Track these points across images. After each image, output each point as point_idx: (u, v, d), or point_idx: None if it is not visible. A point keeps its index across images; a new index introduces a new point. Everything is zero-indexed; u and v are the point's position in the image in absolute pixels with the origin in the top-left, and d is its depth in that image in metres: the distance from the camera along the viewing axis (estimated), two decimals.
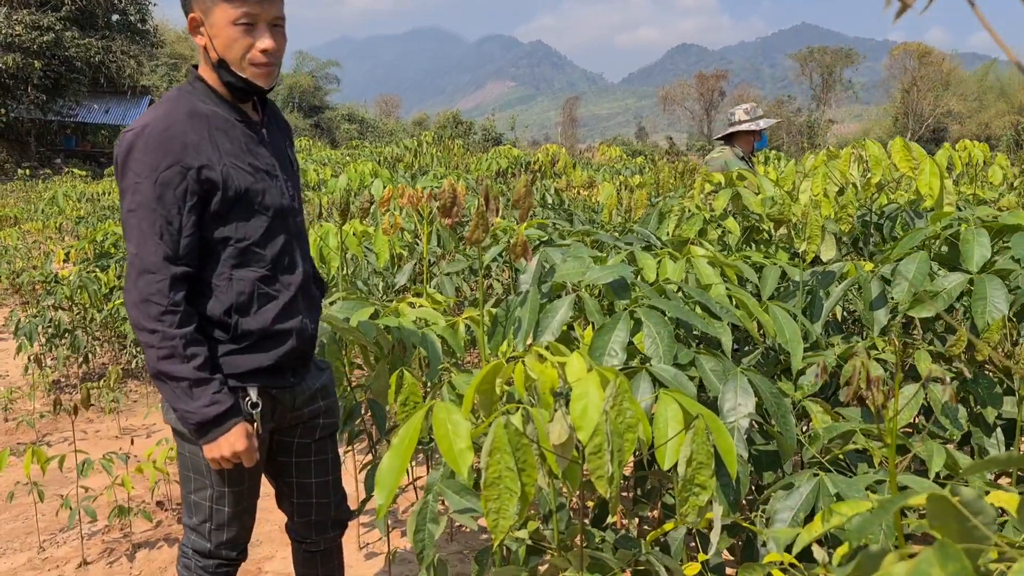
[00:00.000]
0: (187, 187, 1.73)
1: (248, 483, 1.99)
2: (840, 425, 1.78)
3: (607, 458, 1.29)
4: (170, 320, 1.71)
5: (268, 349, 1.88)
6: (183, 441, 1.95)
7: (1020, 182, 7.18)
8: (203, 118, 1.78)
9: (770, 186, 2.99)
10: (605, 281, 1.95)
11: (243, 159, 1.82)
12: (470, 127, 49.57)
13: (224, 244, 1.82)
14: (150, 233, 1.71)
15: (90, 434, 4.27)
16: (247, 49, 1.75)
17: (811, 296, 2.39)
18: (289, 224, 1.92)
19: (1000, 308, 1.89)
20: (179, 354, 1.73)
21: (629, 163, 10.54)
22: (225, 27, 1.73)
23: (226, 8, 1.72)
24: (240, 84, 1.79)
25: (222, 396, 1.77)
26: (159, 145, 1.72)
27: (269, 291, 1.86)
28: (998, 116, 43.90)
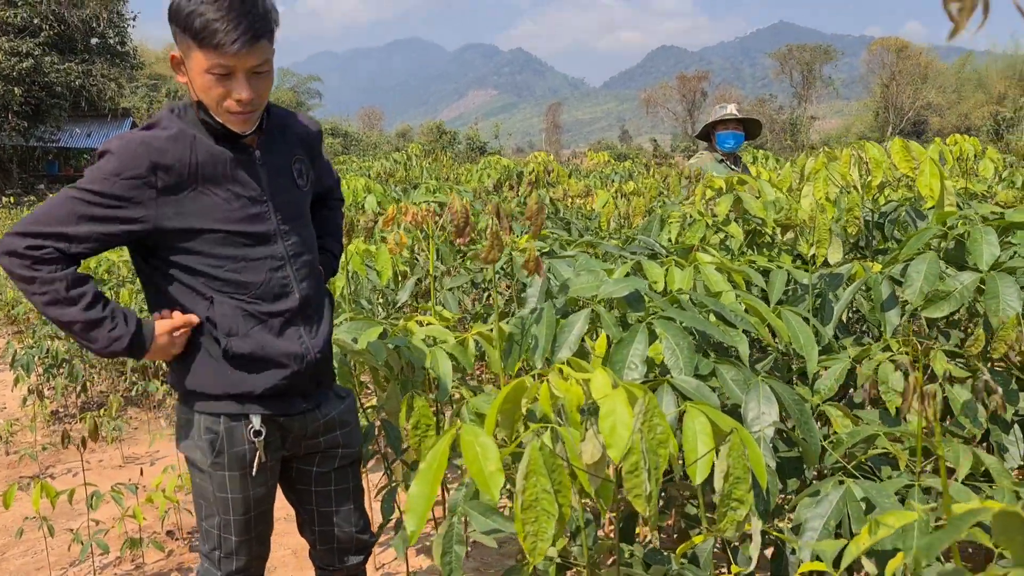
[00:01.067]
0: (141, 204, 1.71)
1: (255, 511, 1.96)
2: (864, 429, 1.78)
3: (644, 476, 1.29)
4: (48, 268, 1.69)
5: (262, 371, 1.85)
6: (193, 468, 1.94)
7: (1008, 174, 7.23)
8: (187, 142, 1.75)
9: (771, 190, 3.00)
10: (620, 295, 1.94)
11: (223, 185, 1.78)
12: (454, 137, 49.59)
13: (200, 272, 1.80)
14: (73, 212, 1.69)
15: (93, 464, 4.24)
16: (223, 97, 1.71)
17: (821, 299, 2.40)
18: (278, 248, 1.86)
19: (1013, 305, 1.89)
20: (63, 298, 1.70)
21: (618, 168, 10.54)
22: (200, 74, 1.69)
23: (199, 56, 1.67)
24: (217, 127, 1.76)
25: (119, 329, 1.75)
26: (131, 156, 1.70)
27: (257, 315, 1.83)
28: (976, 107, 44.29)
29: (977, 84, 46.45)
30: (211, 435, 1.86)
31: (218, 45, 1.64)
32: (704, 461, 1.45)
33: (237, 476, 1.89)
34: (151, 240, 1.78)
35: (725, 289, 2.37)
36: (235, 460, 1.87)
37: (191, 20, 1.65)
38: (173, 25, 1.72)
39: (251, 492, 1.91)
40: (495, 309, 3.96)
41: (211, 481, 1.90)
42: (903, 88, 45.37)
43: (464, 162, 15.06)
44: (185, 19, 1.66)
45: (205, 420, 1.86)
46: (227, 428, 1.85)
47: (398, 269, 3.45)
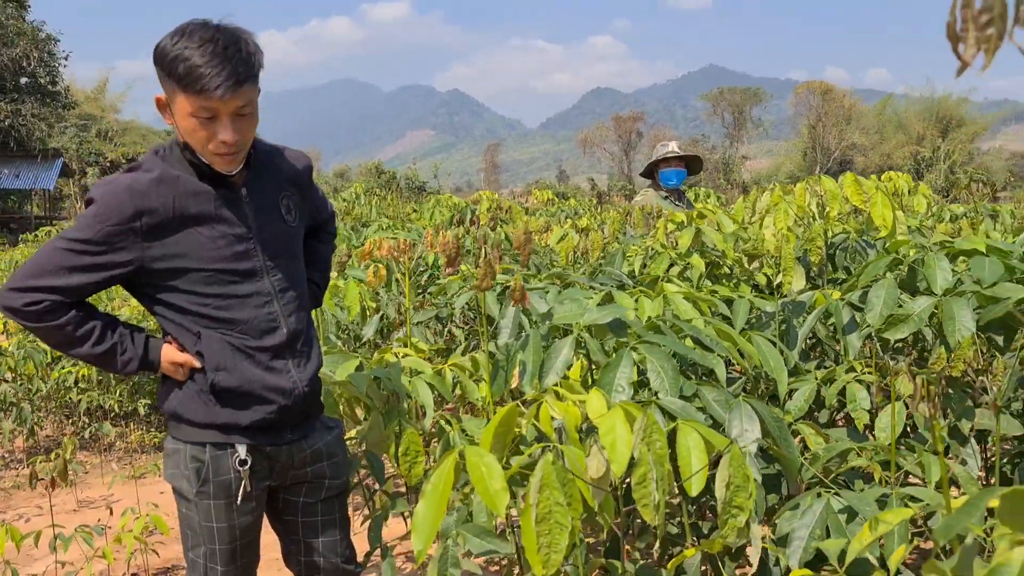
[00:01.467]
0: (125, 249, 1.76)
1: (241, 541, 1.97)
2: (838, 445, 1.88)
3: (652, 487, 1.36)
4: (51, 317, 1.76)
5: (251, 406, 1.88)
6: (180, 498, 1.95)
7: (937, 208, 7.60)
8: (171, 184, 1.79)
9: (730, 224, 3.14)
10: (604, 321, 2.03)
11: (208, 224, 1.81)
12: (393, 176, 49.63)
13: (188, 310, 1.84)
14: (62, 264, 1.75)
15: (45, 509, 4.12)
16: (208, 139, 1.74)
17: (785, 325, 2.52)
18: (265, 284, 1.89)
19: (968, 326, 2.03)
20: (73, 339, 1.80)
21: (564, 206, 10.72)
22: (185, 117, 1.72)
23: (183, 100, 1.71)
24: (203, 167, 1.80)
25: (128, 352, 1.84)
26: (115, 203, 1.75)
27: (244, 349, 1.86)
28: (898, 147, 46.18)
29: (897, 126, 48.49)
30: (197, 464, 1.88)
31: (202, 90, 1.68)
32: (699, 474, 1.53)
33: (223, 505, 1.90)
34: (138, 279, 1.82)
35: (694, 316, 2.47)
36: (220, 489, 1.89)
37: (175, 65, 1.69)
38: (158, 68, 1.76)
39: (237, 521, 1.93)
40: (461, 343, 4.00)
41: (197, 510, 1.91)
42: (829, 129, 47.12)
43: (407, 201, 15.09)
44: (170, 64, 1.70)
45: (191, 449, 1.89)
46: (212, 457, 1.88)
47: (366, 304, 3.49)
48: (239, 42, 1.72)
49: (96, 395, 4.90)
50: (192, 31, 1.70)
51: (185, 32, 1.70)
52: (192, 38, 1.68)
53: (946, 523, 0.83)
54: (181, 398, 1.88)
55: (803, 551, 1.62)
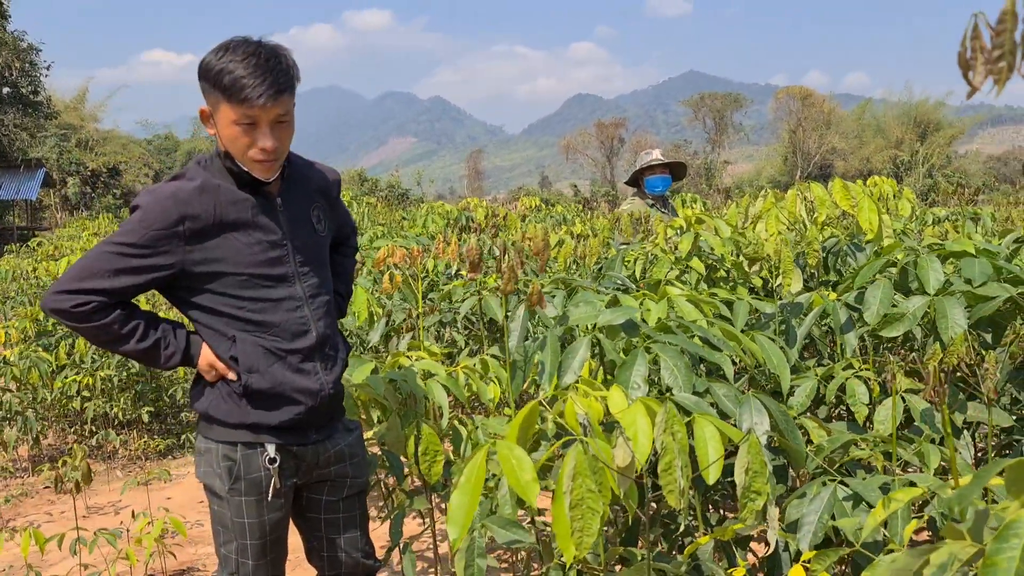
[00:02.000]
0: (169, 252, 1.86)
1: (271, 536, 2.06)
2: (841, 436, 1.99)
3: (677, 473, 1.47)
4: (98, 316, 1.85)
5: (281, 407, 1.98)
6: (212, 496, 2.04)
7: (921, 212, 7.77)
8: (212, 191, 1.90)
9: (727, 229, 3.26)
10: (618, 322, 2.13)
11: (246, 230, 1.92)
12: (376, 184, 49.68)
13: (223, 313, 1.94)
14: (110, 266, 1.85)
15: (55, 516, 4.18)
16: (248, 147, 1.86)
17: (785, 325, 2.63)
18: (296, 289, 2.00)
19: (961, 324, 2.15)
20: (119, 337, 1.89)
21: (552, 212, 10.83)
22: (228, 125, 1.84)
23: (227, 109, 1.83)
24: (243, 175, 1.91)
25: (171, 346, 1.94)
26: (161, 209, 1.86)
27: (276, 352, 1.97)
28: (877, 151, 46.67)
29: (876, 130, 49.02)
30: (228, 462, 1.98)
31: (245, 99, 1.80)
32: (716, 464, 1.64)
33: (253, 501, 2.00)
34: (178, 283, 1.91)
35: (697, 318, 2.58)
36: (251, 486, 1.98)
37: (221, 77, 1.81)
38: (203, 81, 1.87)
39: (267, 517, 2.02)
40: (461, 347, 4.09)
41: (229, 507, 2.00)
42: (809, 134, 47.57)
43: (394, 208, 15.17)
44: (216, 76, 1.82)
45: (223, 448, 1.98)
46: (244, 456, 1.97)
47: (373, 310, 3.58)
48: (279, 56, 1.85)
49: (101, 403, 4.96)
50: (235, 46, 1.82)
51: (229, 47, 1.83)
52: (236, 52, 1.81)
53: (959, 493, 0.94)
54: (213, 399, 1.97)
55: (812, 535, 1.73)
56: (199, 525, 4.11)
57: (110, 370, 4.98)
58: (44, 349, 5.29)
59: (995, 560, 0.78)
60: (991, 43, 0.77)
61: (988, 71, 0.81)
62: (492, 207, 6.73)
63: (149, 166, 44.03)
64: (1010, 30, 0.73)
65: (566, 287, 3.16)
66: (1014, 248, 2.88)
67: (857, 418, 2.20)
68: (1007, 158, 56.30)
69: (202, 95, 1.90)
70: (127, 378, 5.18)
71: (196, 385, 2.04)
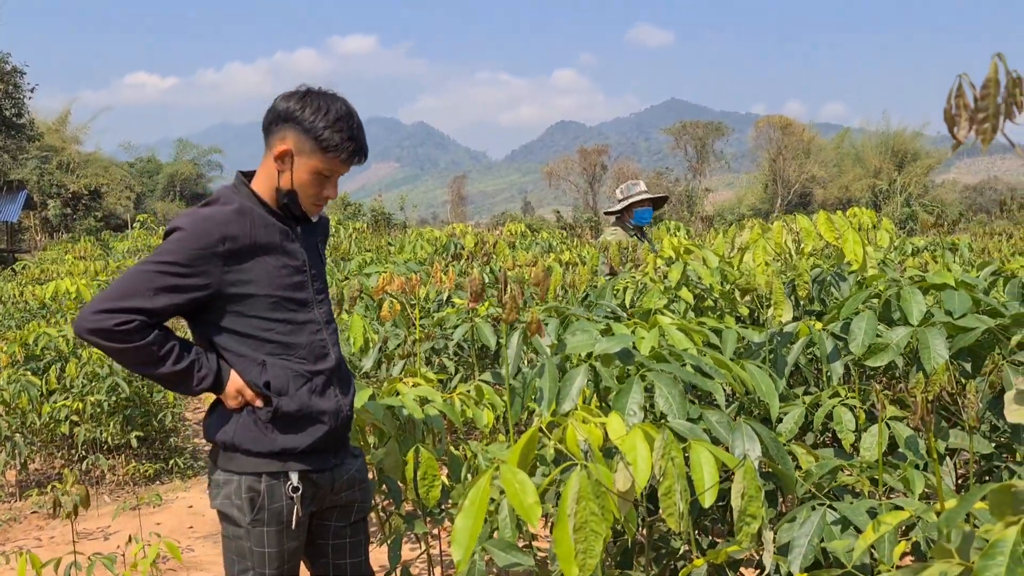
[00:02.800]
0: (207, 272, 1.91)
1: (288, 564, 2.11)
2: (830, 462, 2.07)
3: (677, 498, 1.53)
4: (138, 336, 1.87)
5: (306, 429, 2.04)
6: (229, 525, 2.07)
7: (900, 242, 7.92)
8: (248, 215, 1.98)
9: (715, 259, 3.34)
10: (614, 351, 2.20)
11: (275, 254, 2.01)
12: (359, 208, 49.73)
13: (252, 335, 2.00)
14: (151, 285, 1.88)
15: (45, 541, 4.18)
16: (316, 194, 2.01)
17: (773, 353, 2.71)
18: (315, 313, 2.10)
19: (942, 354, 2.24)
20: (156, 359, 1.90)
21: (538, 239, 10.92)
22: (308, 173, 1.98)
23: (319, 161, 1.96)
24: (297, 212, 2.03)
25: (204, 368, 1.96)
26: (202, 229, 1.92)
27: (304, 374, 2.03)
28: (856, 180, 47.28)
29: (855, 159, 49.68)
30: (252, 493, 2.01)
31: (337, 158, 1.97)
32: (712, 489, 1.70)
33: (274, 532, 2.03)
34: (210, 305, 1.96)
35: (688, 347, 2.65)
36: (273, 516, 2.02)
37: (322, 132, 1.94)
38: (294, 126, 1.97)
39: (286, 546, 2.06)
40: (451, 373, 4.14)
41: (250, 537, 2.03)
42: (789, 162, 48.14)
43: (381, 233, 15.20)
44: (316, 129, 1.94)
45: (246, 480, 2.01)
46: (268, 486, 2.01)
47: (369, 337, 3.63)
48: (360, 120, 2.02)
49: (91, 427, 4.96)
50: (329, 104, 1.96)
51: (323, 105, 1.95)
52: (332, 111, 1.95)
53: (947, 515, 1.01)
54: (238, 428, 2.00)
55: (803, 558, 1.80)
56: (189, 551, 4.12)
57: (100, 395, 4.99)
58: (33, 373, 5.28)
59: None
60: (976, 106, 0.86)
61: (973, 129, 0.89)
62: (481, 234, 6.81)
63: (131, 189, 43.85)
64: (993, 95, 0.82)
65: (559, 315, 3.23)
66: (991, 280, 2.98)
67: (844, 444, 2.27)
68: (983, 188, 57.22)
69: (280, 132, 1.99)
70: (116, 403, 5.19)
71: (214, 415, 2.06)
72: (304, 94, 1.99)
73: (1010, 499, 1.01)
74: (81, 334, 1.87)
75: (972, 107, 0.90)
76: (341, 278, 7.14)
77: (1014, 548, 0.85)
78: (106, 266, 10.82)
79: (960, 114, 0.92)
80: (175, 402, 5.60)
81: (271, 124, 2.02)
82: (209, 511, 4.67)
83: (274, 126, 2.01)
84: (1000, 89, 0.82)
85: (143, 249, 14.14)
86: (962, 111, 0.92)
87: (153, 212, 34.05)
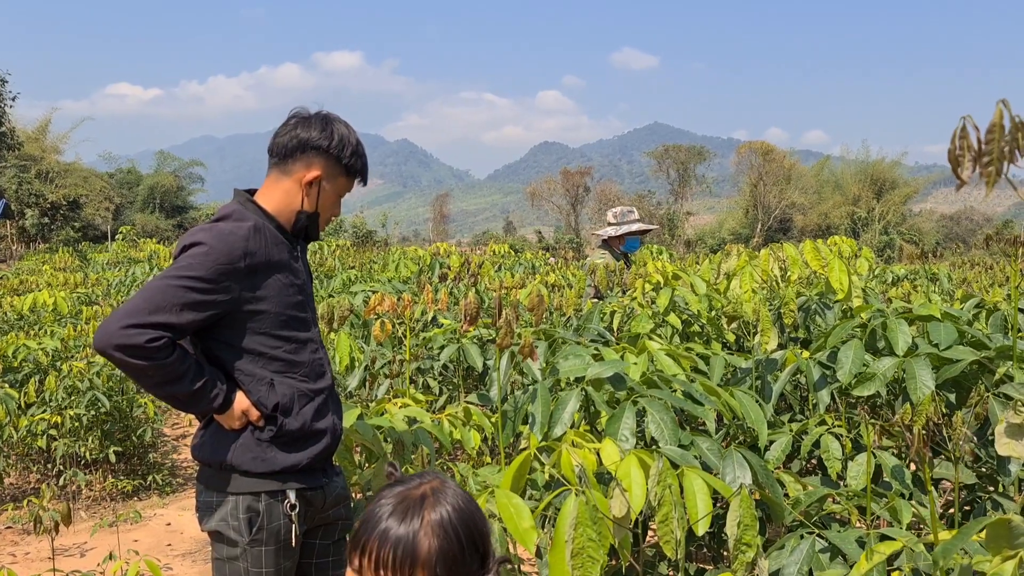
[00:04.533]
0: (229, 288, 1.91)
1: None
2: (818, 491, 2.08)
3: (674, 525, 1.54)
4: (163, 354, 1.83)
5: (305, 447, 2.03)
6: (224, 546, 2.04)
7: (880, 270, 8.00)
8: (263, 231, 2.00)
9: (703, 285, 3.37)
10: (606, 375, 2.22)
11: (283, 272, 2.03)
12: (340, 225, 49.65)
13: (261, 353, 1.99)
14: (176, 300, 1.85)
15: (20, 557, 4.11)
16: (333, 213, 2.13)
17: (760, 381, 2.74)
18: (313, 333, 2.11)
19: (928, 385, 2.27)
20: (176, 377, 1.87)
21: (521, 259, 10.94)
22: (335, 194, 2.09)
23: (345, 184, 2.10)
24: (313, 234, 2.11)
25: (217, 387, 1.94)
26: (226, 244, 1.91)
27: (307, 392, 2.04)
28: (835, 207, 47.77)
29: (835, 186, 50.22)
30: (250, 513, 1.98)
31: (361, 181, 2.14)
32: (706, 517, 1.71)
33: (272, 551, 2.02)
34: (223, 322, 1.94)
35: (676, 372, 2.67)
36: (271, 535, 2.00)
37: (354, 159, 2.09)
38: (325, 156, 2.05)
39: (283, 565, 2.05)
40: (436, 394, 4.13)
41: (247, 558, 2.00)
42: (770, 188, 48.56)
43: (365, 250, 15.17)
44: (349, 156, 2.07)
45: (245, 500, 1.99)
46: (267, 505, 1.99)
47: (355, 356, 3.62)
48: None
49: (69, 442, 4.90)
50: (348, 133, 2.09)
51: (345, 134, 2.07)
52: (351, 138, 2.08)
53: (943, 548, 1.03)
54: (237, 448, 1.98)
55: (824, 572, 1.81)
56: (168, 568, 4.07)
57: (79, 408, 4.93)
58: (11, 386, 5.21)
59: None
60: (979, 147, 0.88)
61: (978, 172, 0.92)
62: (466, 254, 6.82)
63: (111, 200, 43.44)
64: (997, 139, 0.84)
65: (547, 339, 3.25)
66: (975, 313, 3.03)
67: (831, 472, 2.29)
68: (959, 217, 58.01)
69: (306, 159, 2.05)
70: (95, 417, 5.13)
71: (207, 435, 2.03)
72: (323, 122, 2.05)
73: (1007, 533, 1.03)
74: (106, 350, 1.81)
75: (975, 148, 0.92)
76: (326, 295, 7.13)
77: None
78: (85, 278, 10.72)
79: (964, 154, 0.95)
80: (155, 417, 5.54)
81: (295, 151, 2.04)
82: (188, 529, 4.62)
83: (299, 152, 2.04)
84: (1004, 133, 0.85)
85: (123, 262, 14.01)
86: (966, 152, 0.94)
87: (133, 223, 33.79)
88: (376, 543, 1.20)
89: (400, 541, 1.18)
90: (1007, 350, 2.35)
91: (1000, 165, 0.84)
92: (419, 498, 1.23)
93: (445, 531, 1.20)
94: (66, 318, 7.07)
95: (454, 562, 1.19)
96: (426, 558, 1.18)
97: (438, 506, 1.22)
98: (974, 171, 0.94)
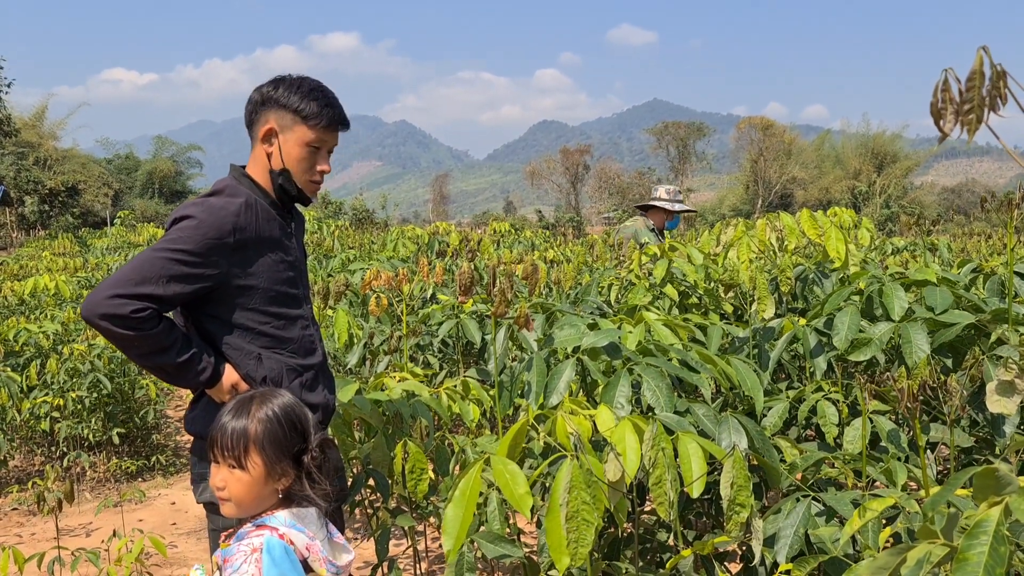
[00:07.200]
0: (217, 262, 1.91)
1: None
2: (814, 455, 2.10)
3: (667, 487, 1.55)
4: (149, 324, 1.83)
5: None
6: (217, 516, 2.07)
7: (881, 241, 7.99)
8: (255, 207, 1.99)
9: (699, 256, 3.37)
10: (601, 345, 2.22)
11: (274, 248, 2.02)
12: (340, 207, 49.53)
13: (250, 328, 2.00)
14: (163, 272, 1.85)
15: (26, 538, 4.14)
16: (308, 168, 2.03)
17: (757, 349, 2.74)
18: (305, 310, 2.12)
19: (924, 348, 2.28)
20: (161, 348, 1.86)
21: (521, 237, 10.94)
22: (297, 145, 2.00)
23: (305, 131, 1.99)
24: (294, 193, 2.04)
25: (204, 362, 1.93)
26: (215, 218, 1.91)
27: (296, 368, 2.05)
28: (836, 181, 47.61)
29: (835, 161, 50.02)
30: None
31: (322, 127, 2.01)
32: (700, 479, 1.72)
33: None
34: (211, 296, 1.94)
35: (674, 342, 2.68)
36: None
37: (302, 103, 1.99)
38: (274, 107, 2.01)
39: None
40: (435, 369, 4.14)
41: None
42: (770, 163, 48.39)
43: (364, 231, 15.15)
44: (294, 102, 1.99)
45: None
46: None
47: (354, 333, 3.63)
48: (334, 94, 2.07)
49: (72, 424, 4.93)
50: (301, 81, 2.02)
51: (295, 82, 2.01)
52: (304, 85, 2.01)
53: (933, 498, 1.04)
54: None
55: (789, 548, 1.82)
56: (173, 547, 4.10)
57: (82, 391, 4.95)
58: (13, 369, 5.23)
59: (967, 556, 0.87)
60: (961, 97, 0.88)
61: (959, 121, 0.92)
62: (466, 232, 6.81)
63: (109, 185, 43.38)
64: (978, 87, 0.84)
65: (544, 311, 3.25)
66: (971, 277, 3.03)
67: (827, 438, 2.30)
68: (960, 190, 57.83)
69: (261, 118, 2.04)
70: (97, 399, 5.15)
71: (198, 409, 2.04)
72: (276, 78, 2.04)
73: (994, 482, 1.03)
74: (92, 319, 1.82)
75: (958, 100, 0.92)
76: (325, 275, 7.13)
77: (997, 528, 0.87)
78: (85, 263, 10.72)
79: (946, 107, 0.95)
80: (157, 399, 5.57)
81: (252, 114, 2.05)
82: (192, 508, 4.66)
83: (255, 115, 2.04)
84: (985, 81, 0.84)
85: (123, 247, 14.02)
86: (948, 104, 0.94)
87: (132, 209, 33.77)
88: (219, 434, 1.63)
89: (235, 430, 1.62)
90: (1003, 313, 2.35)
91: (981, 112, 0.84)
92: (248, 399, 1.67)
93: (269, 420, 1.63)
94: (67, 302, 7.08)
95: (278, 441, 1.63)
96: (254, 437, 1.61)
97: (264, 405, 1.65)
98: (956, 123, 0.94)
